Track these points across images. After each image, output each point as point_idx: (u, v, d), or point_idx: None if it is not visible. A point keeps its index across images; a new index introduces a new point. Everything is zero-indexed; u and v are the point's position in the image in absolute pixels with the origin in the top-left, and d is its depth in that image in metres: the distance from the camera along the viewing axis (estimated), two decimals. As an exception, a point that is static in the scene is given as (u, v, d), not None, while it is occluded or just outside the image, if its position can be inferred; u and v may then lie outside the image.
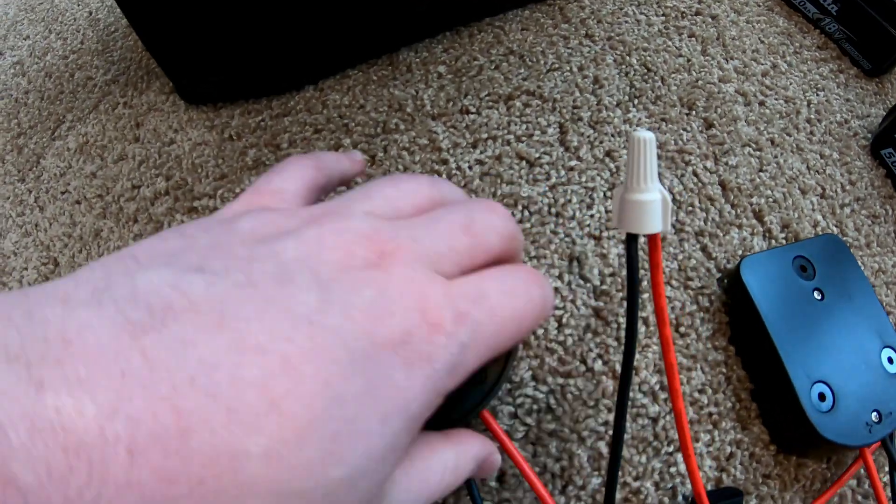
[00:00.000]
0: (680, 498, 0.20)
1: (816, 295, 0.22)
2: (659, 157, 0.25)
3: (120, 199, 0.25)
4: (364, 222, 0.13)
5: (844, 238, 0.26)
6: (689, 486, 0.21)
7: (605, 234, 0.23)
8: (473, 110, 0.25)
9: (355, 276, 0.12)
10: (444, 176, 0.24)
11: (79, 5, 0.29)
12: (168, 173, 0.25)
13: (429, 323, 0.12)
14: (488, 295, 0.13)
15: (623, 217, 0.15)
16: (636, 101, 0.26)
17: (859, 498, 0.24)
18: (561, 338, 0.21)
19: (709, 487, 0.21)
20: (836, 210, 0.26)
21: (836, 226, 0.26)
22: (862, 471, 0.24)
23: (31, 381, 0.08)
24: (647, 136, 0.14)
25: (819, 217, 0.26)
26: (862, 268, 0.25)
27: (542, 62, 0.27)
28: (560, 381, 0.20)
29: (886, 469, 0.23)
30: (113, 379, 0.09)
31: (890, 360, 0.22)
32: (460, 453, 0.15)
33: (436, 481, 0.14)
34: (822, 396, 0.20)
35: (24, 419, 0.08)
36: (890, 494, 0.22)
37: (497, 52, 0.27)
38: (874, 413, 0.21)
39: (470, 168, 0.24)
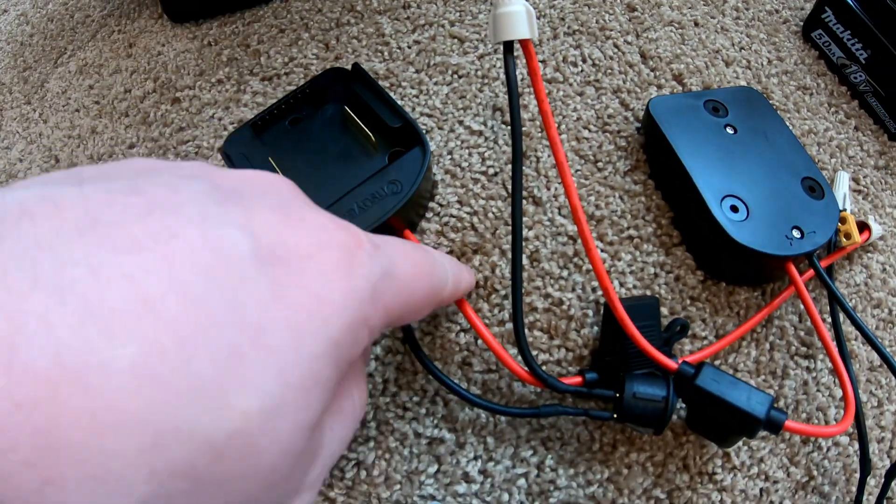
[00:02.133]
0: (602, 311, 0.23)
1: (729, 130, 0.25)
2: (580, 33, 0.29)
3: (114, 101, 0.31)
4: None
5: (771, 101, 0.29)
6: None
7: (525, 90, 0.27)
8: (414, 5, 0.30)
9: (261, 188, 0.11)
10: (384, 55, 0.28)
11: None
12: (155, 76, 0.31)
13: (350, 237, 0.11)
14: (399, 249, 0.13)
15: (496, 30, 0.18)
16: (563, -7, 0.30)
17: (802, 334, 0.25)
18: (484, 168, 0.24)
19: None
20: (761, 79, 0.29)
21: (761, 91, 0.29)
22: (801, 306, 0.25)
23: None
24: None
25: (743, 83, 0.29)
26: (786, 121, 0.27)
27: (479, -28, 0.32)
28: (482, 202, 0.24)
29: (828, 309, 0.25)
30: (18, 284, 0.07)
31: (811, 189, 0.24)
32: (362, 386, 0.14)
33: (360, 408, 0.13)
34: (734, 208, 0.23)
35: None
36: (830, 328, 0.23)
37: (440, -33, 0.32)
38: (795, 230, 0.23)
39: (409, 47, 0.28)
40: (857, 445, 0.25)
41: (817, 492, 0.24)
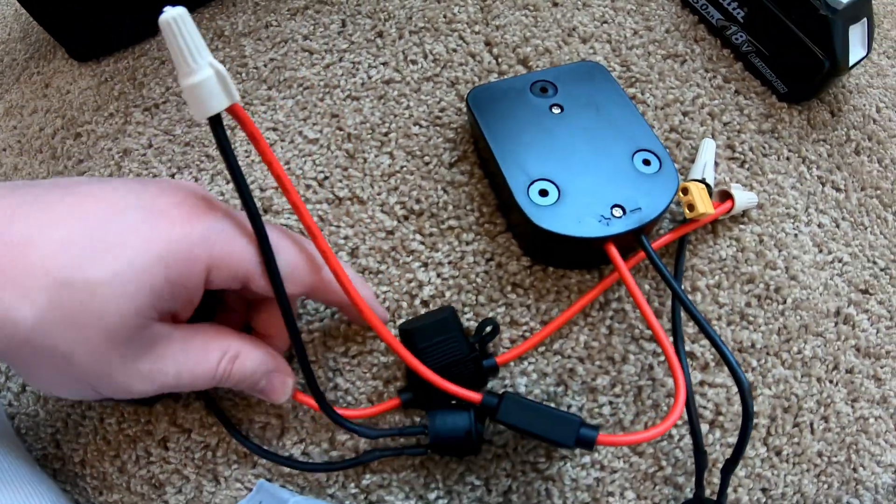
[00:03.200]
0: (417, 301, 0.24)
1: (555, 110, 0.25)
2: (426, 30, 0.30)
3: (31, 140, 0.35)
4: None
5: (629, 73, 0.28)
6: (426, 290, 0.24)
7: (362, 94, 0.28)
8: (275, 24, 0.32)
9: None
10: (242, 76, 0.31)
11: (7, 5, 0.41)
12: (63, 114, 0.35)
13: (197, 205, 0.18)
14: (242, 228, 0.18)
15: (193, 107, 0.15)
16: (416, -7, 0.31)
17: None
18: (315, 174, 0.26)
19: (428, 308, 0.24)
20: (621, 51, 0.29)
21: (620, 64, 0.29)
22: (648, 286, 0.25)
23: None
24: (175, 14, 0.14)
25: (599, 58, 0.29)
26: (647, 91, 0.27)
27: (345, -19, 0.33)
28: (311, 207, 0.25)
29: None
30: None
31: (646, 162, 0.24)
32: (244, 350, 0.19)
33: (214, 360, 0.19)
34: (543, 192, 0.23)
35: None
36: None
37: (311, -19, 0.34)
38: (615, 208, 0.23)
39: (265, 65, 0.31)
40: (717, 433, 0.24)
41: (670, 483, 0.23)
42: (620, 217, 0.23)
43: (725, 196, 0.26)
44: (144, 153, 0.30)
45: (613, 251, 0.23)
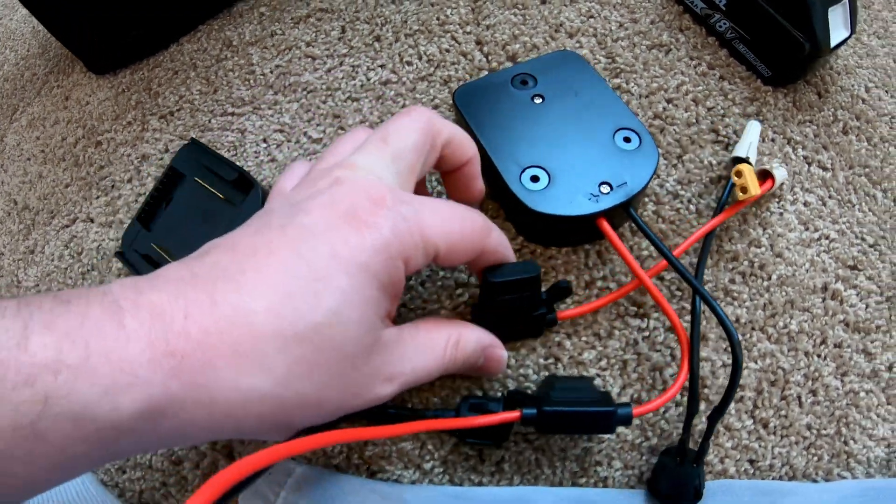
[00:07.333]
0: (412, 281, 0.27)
1: (536, 100, 0.29)
2: (420, 32, 0.34)
3: (54, 149, 0.40)
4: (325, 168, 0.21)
5: (614, 64, 0.32)
6: (424, 274, 0.28)
7: (362, 95, 0.32)
8: (280, 32, 0.37)
9: (320, 193, 0.20)
10: (250, 82, 0.35)
11: (25, 23, 0.47)
12: (84, 124, 0.40)
13: (372, 200, 0.19)
14: (426, 200, 0.20)
15: None
16: (410, -3, 0.35)
17: (632, 294, 0.28)
18: (315, 171, 0.30)
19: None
20: (606, 44, 0.33)
21: (605, 56, 0.32)
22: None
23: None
24: None
25: (586, 52, 0.32)
26: (631, 81, 0.30)
27: (344, -13, 0.38)
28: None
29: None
30: (179, 285, 0.17)
31: (626, 140, 0.27)
32: (462, 333, 0.23)
33: (440, 348, 0.21)
34: (534, 178, 0.27)
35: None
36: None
37: (311, -11, 0.39)
38: (603, 185, 0.26)
39: (271, 72, 0.35)
40: (702, 406, 0.27)
41: (656, 452, 0.26)
42: (608, 193, 0.26)
43: (766, 175, 0.29)
44: (162, 157, 0.35)
45: (605, 225, 0.26)
